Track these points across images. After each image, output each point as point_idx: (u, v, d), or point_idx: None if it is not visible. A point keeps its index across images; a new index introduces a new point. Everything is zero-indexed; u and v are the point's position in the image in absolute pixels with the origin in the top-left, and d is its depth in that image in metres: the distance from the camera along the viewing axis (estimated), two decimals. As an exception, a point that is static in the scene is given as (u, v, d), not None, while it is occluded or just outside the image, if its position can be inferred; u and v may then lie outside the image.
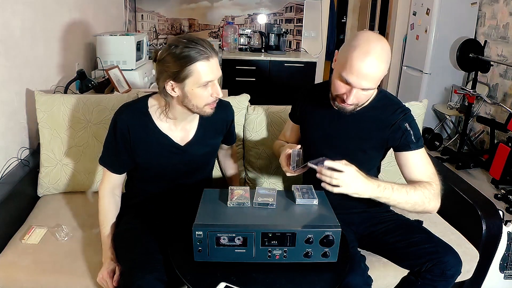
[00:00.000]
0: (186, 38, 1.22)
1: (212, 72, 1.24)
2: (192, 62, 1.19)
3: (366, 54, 1.17)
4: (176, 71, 1.21)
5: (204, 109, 1.29)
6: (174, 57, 1.20)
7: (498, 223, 1.57)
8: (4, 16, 1.77)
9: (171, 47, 1.21)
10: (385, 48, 1.20)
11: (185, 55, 1.19)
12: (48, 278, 1.35)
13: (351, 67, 1.19)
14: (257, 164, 1.85)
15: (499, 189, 3.10)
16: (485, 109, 3.85)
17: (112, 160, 1.40)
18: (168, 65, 1.22)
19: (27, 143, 1.95)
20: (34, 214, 1.68)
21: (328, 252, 1.13)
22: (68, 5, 2.53)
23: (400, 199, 1.25)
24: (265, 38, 4.44)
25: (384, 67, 1.20)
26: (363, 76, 1.18)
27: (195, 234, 1.10)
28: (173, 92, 1.26)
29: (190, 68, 1.20)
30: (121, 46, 2.87)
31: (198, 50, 1.20)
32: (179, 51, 1.20)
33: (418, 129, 1.36)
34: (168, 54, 1.22)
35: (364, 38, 1.20)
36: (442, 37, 3.94)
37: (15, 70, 1.86)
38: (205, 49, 1.21)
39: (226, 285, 1.05)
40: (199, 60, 1.20)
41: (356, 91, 1.22)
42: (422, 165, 1.34)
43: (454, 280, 1.31)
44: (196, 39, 1.22)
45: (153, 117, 1.36)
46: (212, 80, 1.25)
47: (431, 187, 1.30)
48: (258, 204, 1.22)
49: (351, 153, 1.39)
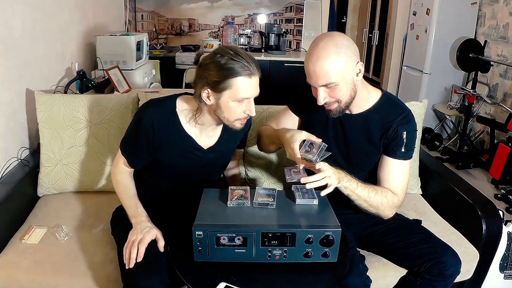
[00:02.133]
0: (234, 50, 1.21)
1: (251, 89, 1.23)
2: (234, 75, 1.18)
3: (310, 54, 1.25)
4: (216, 80, 1.19)
5: (234, 123, 1.29)
6: (217, 66, 1.19)
7: (498, 223, 1.57)
8: (4, 16, 1.77)
9: (217, 56, 1.20)
10: (330, 42, 1.22)
11: (229, 67, 1.18)
12: (48, 278, 1.34)
13: (306, 71, 1.27)
14: (257, 164, 1.85)
15: (499, 189, 3.10)
16: (485, 109, 3.85)
17: (130, 153, 1.38)
18: (210, 73, 1.20)
19: (27, 143, 1.95)
20: (34, 214, 1.67)
21: (328, 252, 1.13)
22: (68, 5, 2.53)
23: (361, 195, 1.29)
24: (265, 38, 4.44)
25: (331, 59, 1.21)
26: (314, 74, 1.24)
27: (195, 234, 1.10)
28: (208, 100, 1.25)
29: (231, 81, 1.19)
30: (121, 46, 2.88)
31: (242, 65, 1.19)
32: (224, 61, 1.18)
33: (413, 141, 1.37)
34: (212, 61, 1.20)
35: (312, 42, 1.27)
36: (442, 37, 3.94)
37: (15, 70, 1.86)
38: (250, 65, 1.20)
39: (226, 285, 1.05)
40: (241, 75, 1.19)
41: (321, 90, 1.26)
42: (398, 176, 1.36)
43: (453, 280, 1.32)
44: (243, 54, 1.21)
45: (180, 118, 1.34)
46: (248, 98, 1.24)
47: (392, 198, 1.34)
48: (258, 204, 1.22)
49: (353, 156, 1.39)
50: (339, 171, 1.25)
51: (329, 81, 1.23)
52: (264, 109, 1.85)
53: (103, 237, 1.51)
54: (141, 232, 1.24)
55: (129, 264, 1.18)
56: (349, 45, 1.24)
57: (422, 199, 1.91)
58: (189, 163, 1.39)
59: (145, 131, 1.30)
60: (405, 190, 1.39)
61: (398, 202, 1.36)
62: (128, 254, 1.20)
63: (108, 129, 1.79)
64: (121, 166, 1.42)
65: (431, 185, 1.94)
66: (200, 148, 1.38)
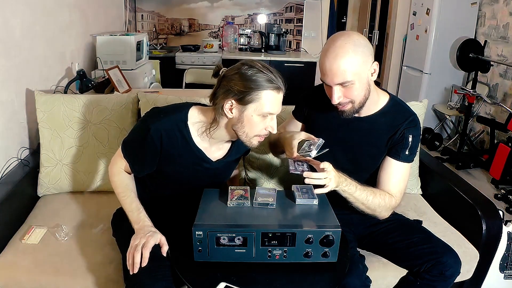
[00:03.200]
0: (262, 64, 1.19)
1: (277, 105, 1.20)
2: (262, 88, 1.16)
3: (326, 52, 1.23)
4: (243, 91, 1.16)
5: (252, 139, 1.24)
6: (245, 77, 1.16)
7: (498, 223, 1.57)
8: (4, 16, 1.77)
9: (244, 67, 1.17)
10: (347, 41, 1.21)
11: (256, 79, 1.15)
12: (48, 278, 1.34)
13: (321, 69, 1.26)
14: (257, 164, 1.85)
15: (499, 189, 3.09)
16: (485, 109, 3.85)
17: (133, 160, 1.32)
18: (236, 83, 1.16)
19: (27, 143, 1.95)
20: (34, 214, 1.68)
21: (328, 252, 1.13)
22: (68, 5, 2.53)
23: (359, 198, 1.29)
24: (265, 38, 4.44)
25: (349, 57, 1.20)
26: (331, 72, 1.22)
27: (195, 234, 1.10)
28: (230, 113, 1.20)
29: (258, 93, 1.16)
30: (121, 46, 2.88)
31: (270, 79, 1.16)
32: (251, 73, 1.15)
33: (417, 145, 1.38)
34: (238, 72, 1.17)
35: (329, 40, 1.26)
36: (442, 37, 3.94)
37: (15, 70, 1.86)
38: (277, 80, 1.17)
39: (226, 285, 1.05)
40: (269, 88, 1.16)
41: (337, 89, 1.25)
42: (398, 178, 1.37)
43: (453, 280, 1.32)
44: (271, 69, 1.18)
45: (191, 131, 1.27)
46: (273, 114, 1.21)
47: (390, 200, 1.34)
48: (258, 204, 1.22)
49: (359, 158, 1.39)
50: (340, 175, 1.25)
51: (345, 80, 1.22)
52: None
53: (103, 237, 1.51)
54: (144, 236, 1.19)
55: (133, 270, 1.14)
56: (366, 45, 1.24)
57: (422, 199, 1.91)
58: (195, 174, 1.35)
59: (152, 143, 1.24)
60: (403, 192, 1.40)
61: (395, 204, 1.37)
62: (132, 259, 1.16)
63: (108, 129, 1.79)
64: (120, 165, 1.36)
65: (431, 185, 1.94)
66: (209, 160, 1.33)
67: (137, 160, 1.32)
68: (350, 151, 1.41)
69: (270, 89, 1.17)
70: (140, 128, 1.28)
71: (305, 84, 4.03)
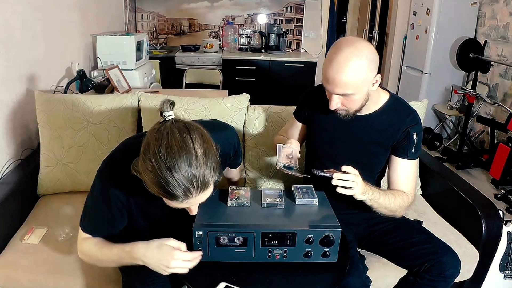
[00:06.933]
0: (189, 158, 0.88)
1: (184, 205, 0.97)
2: (174, 199, 0.92)
3: (331, 61, 1.20)
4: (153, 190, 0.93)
5: None
6: (159, 184, 0.89)
7: (498, 223, 1.57)
8: (4, 16, 1.77)
9: (164, 165, 0.87)
10: (354, 53, 1.18)
11: (173, 190, 0.89)
12: (48, 278, 1.35)
13: (324, 75, 1.25)
14: (257, 164, 1.85)
15: (499, 189, 3.09)
16: (485, 109, 3.85)
17: (105, 230, 1.16)
18: (148, 179, 0.91)
19: (27, 143, 1.95)
20: (34, 214, 1.68)
21: (328, 252, 1.13)
22: (68, 5, 2.53)
23: (382, 204, 1.30)
24: (265, 38, 4.44)
25: (353, 72, 1.18)
26: (333, 83, 1.22)
27: (195, 234, 1.10)
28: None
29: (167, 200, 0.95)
30: (121, 46, 2.88)
31: (188, 190, 0.90)
32: (168, 180, 0.88)
33: (421, 141, 1.39)
34: (153, 171, 0.89)
35: (335, 46, 1.23)
36: (442, 37, 3.94)
37: (15, 70, 1.86)
38: (191, 188, 0.90)
39: (226, 285, 1.05)
40: (183, 200, 0.92)
41: (336, 97, 1.26)
42: (409, 176, 1.39)
43: (453, 280, 1.32)
44: (199, 161, 0.90)
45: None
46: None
47: (407, 198, 1.37)
48: (267, 205, 1.22)
49: (361, 157, 1.40)
50: (366, 183, 1.25)
51: (345, 92, 1.23)
52: (264, 109, 1.85)
53: (103, 237, 1.51)
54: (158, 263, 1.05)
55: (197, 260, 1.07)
56: (372, 59, 1.21)
57: (422, 199, 1.91)
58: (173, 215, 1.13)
59: (116, 201, 1.10)
60: (415, 188, 1.44)
61: (411, 201, 1.40)
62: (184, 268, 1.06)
63: (108, 129, 1.79)
64: (85, 241, 1.17)
65: (431, 185, 1.94)
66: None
67: (106, 224, 1.15)
68: (350, 149, 1.41)
69: (183, 201, 0.92)
70: (97, 191, 1.13)
71: (305, 84, 4.03)
